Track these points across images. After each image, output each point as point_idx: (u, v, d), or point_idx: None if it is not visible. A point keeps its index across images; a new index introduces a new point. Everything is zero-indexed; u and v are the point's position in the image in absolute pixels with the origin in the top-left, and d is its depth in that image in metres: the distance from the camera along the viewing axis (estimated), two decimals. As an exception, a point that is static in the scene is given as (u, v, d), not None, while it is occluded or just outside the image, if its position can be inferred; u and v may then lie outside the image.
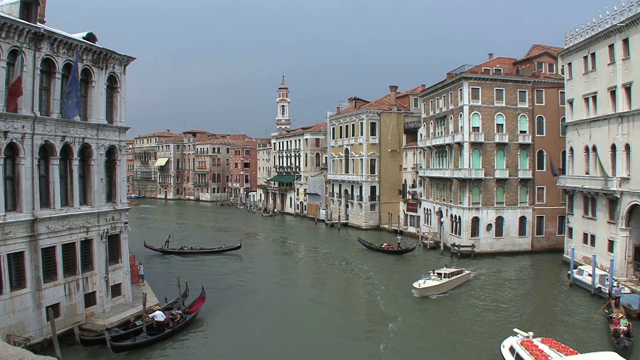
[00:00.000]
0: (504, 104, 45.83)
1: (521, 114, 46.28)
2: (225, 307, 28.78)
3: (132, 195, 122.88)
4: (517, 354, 18.53)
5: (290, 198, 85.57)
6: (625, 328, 21.91)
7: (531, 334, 20.49)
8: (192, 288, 29.21)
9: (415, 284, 31.23)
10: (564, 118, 42.25)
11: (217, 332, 24.96)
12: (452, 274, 33.25)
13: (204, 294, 28.03)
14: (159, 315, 23.88)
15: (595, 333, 24.17)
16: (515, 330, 21.39)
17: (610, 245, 33.67)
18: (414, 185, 60.29)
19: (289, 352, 22.54)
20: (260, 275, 38.50)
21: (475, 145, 45.36)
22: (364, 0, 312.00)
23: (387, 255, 45.28)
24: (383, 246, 47.43)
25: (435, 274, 32.72)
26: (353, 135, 65.81)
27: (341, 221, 66.65)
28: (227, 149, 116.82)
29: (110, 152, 26.31)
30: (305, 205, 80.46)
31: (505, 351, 19.76)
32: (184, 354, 22.34)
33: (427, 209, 54.53)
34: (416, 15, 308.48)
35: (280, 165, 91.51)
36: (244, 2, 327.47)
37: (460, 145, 46.00)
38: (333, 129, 72.25)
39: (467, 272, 35.42)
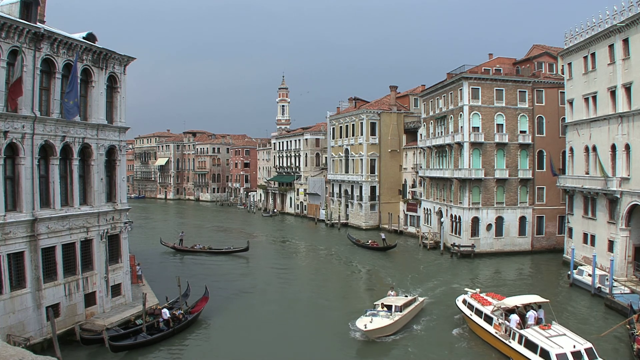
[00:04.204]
0: (504, 104, 45.83)
1: (521, 114, 46.28)
2: (228, 308, 28.78)
3: (132, 195, 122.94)
4: (469, 303, 25.05)
5: (290, 198, 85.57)
6: None
7: (478, 289, 26.98)
8: (198, 287, 29.19)
9: (360, 324, 23.32)
10: (564, 118, 42.24)
11: (218, 332, 24.95)
12: (405, 305, 25.87)
13: (207, 294, 28.01)
14: (165, 314, 24.23)
15: (612, 346, 22.33)
16: (466, 289, 27.63)
17: (610, 245, 33.67)
18: (414, 185, 60.31)
19: (290, 354, 22.44)
20: (264, 276, 38.46)
21: (475, 145, 45.36)
22: (364, 2, 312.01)
23: (374, 252, 47.14)
24: (368, 243, 49.60)
25: (384, 308, 25.16)
26: (353, 135, 65.81)
27: (341, 221, 66.66)
28: (227, 149, 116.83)
29: (110, 152, 26.31)
30: (305, 205, 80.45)
31: (459, 303, 26.07)
32: (184, 354, 22.32)
33: (427, 209, 54.53)
34: (416, 17, 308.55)
35: (280, 165, 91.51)
36: (245, 3, 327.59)
37: (460, 145, 46.00)
38: (333, 129, 72.25)
39: (421, 298, 28.98)
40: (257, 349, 22.75)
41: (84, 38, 24.53)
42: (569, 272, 34.15)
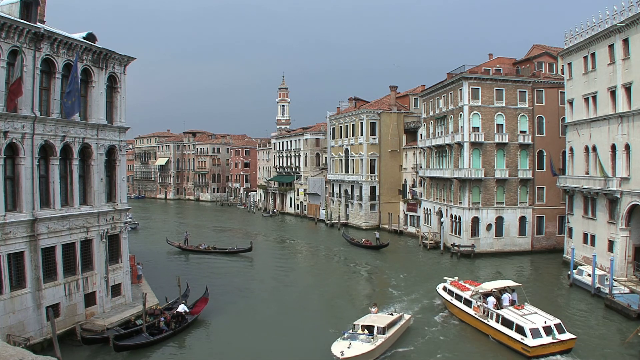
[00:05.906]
0: (504, 104, 45.83)
1: (521, 114, 46.27)
2: (230, 309, 28.71)
3: (132, 195, 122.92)
4: (448, 290, 27.63)
5: (290, 198, 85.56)
6: None
7: (457, 277, 29.62)
8: (201, 287, 29.14)
9: (336, 350, 20.04)
10: (564, 118, 42.23)
11: (219, 333, 24.95)
12: (389, 325, 22.34)
13: (207, 294, 27.95)
14: (182, 308, 25.40)
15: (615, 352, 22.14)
16: (445, 278, 29.87)
17: (610, 245, 33.66)
18: (414, 185, 60.31)
19: (290, 356, 22.37)
20: (265, 277, 38.36)
21: (475, 145, 45.35)
22: (364, 2, 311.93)
23: (368, 251, 47.98)
24: (362, 241, 50.55)
25: (365, 331, 21.79)
26: (353, 135, 65.81)
27: (341, 221, 66.65)
28: (227, 149, 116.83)
29: (110, 152, 26.32)
30: (305, 205, 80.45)
31: (440, 290, 28.73)
32: (185, 354, 22.35)
33: (427, 209, 54.53)
34: (416, 17, 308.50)
35: (280, 165, 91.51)
36: (245, 4, 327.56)
37: (460, 145, 46.00)
38: (333, 129, 72.24)
39: (407, 316, 25.37)
40: (258, 352, 22.70)
41: (84, 38, 24.53)
42: (569, 272, 34.14)
